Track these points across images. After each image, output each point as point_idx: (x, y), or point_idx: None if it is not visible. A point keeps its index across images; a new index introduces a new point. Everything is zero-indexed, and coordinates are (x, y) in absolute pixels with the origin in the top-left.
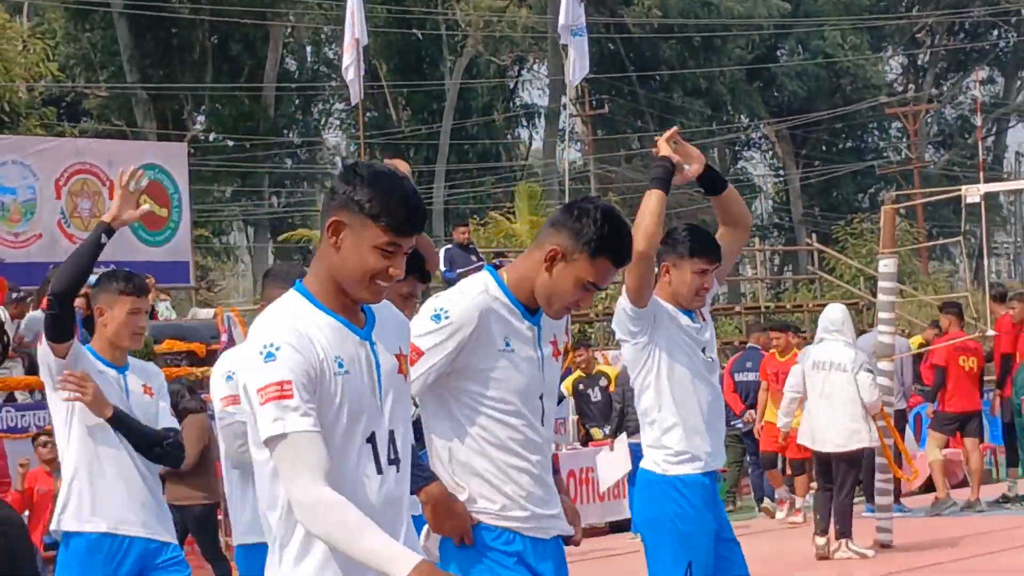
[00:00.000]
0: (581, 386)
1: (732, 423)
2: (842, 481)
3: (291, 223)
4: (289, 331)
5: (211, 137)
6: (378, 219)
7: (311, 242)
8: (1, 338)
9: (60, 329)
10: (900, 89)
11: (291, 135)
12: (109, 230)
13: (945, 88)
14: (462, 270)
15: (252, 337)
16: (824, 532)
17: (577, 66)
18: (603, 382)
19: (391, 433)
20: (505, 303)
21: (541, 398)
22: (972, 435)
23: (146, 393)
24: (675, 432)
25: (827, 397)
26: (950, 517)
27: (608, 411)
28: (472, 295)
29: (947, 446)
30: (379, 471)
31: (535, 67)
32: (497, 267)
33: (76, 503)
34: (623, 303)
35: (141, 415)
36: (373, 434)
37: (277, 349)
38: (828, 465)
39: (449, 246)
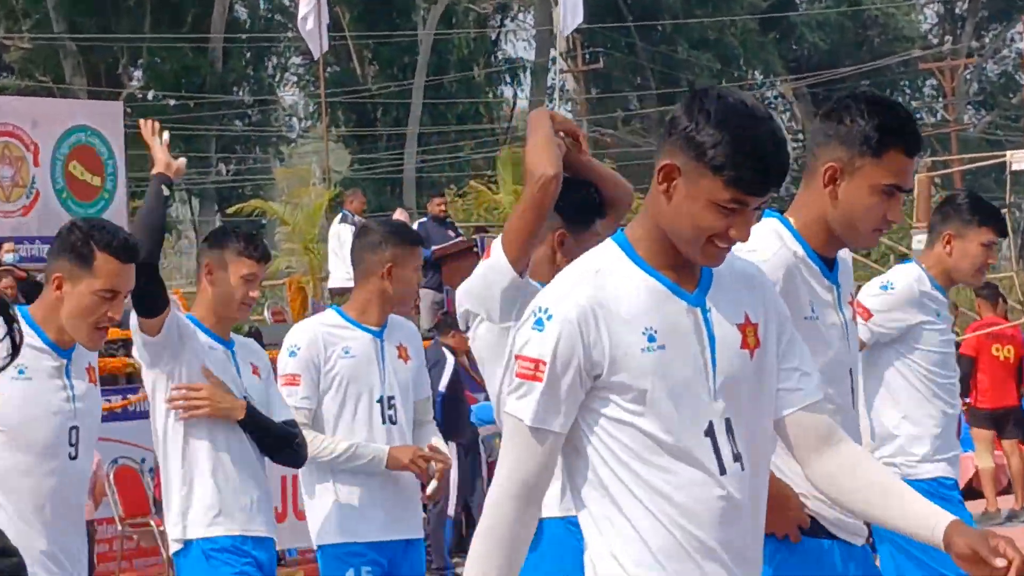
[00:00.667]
0: None
1: None
2: None
3: (241, 193)
4: (576, 298)
5: (150, 95)
6: (720, 171)
7: (264, 215)
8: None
9: (151, 301)
10: (936, 42)
11: (241, 93)
12: (168, 180)
13: (987, 40)
14: (439, 246)
15: (550, 285)
16: None
17: (569, 14)
18: None
19: (728, 422)
20: (803, 257)
21: (851, 372)
22: (1011, 436)
23: (255, 375)
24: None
25: None
26: (994, 527)
27: None
28: (773, 249)
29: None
30: (721, 471)
31: (520, 16)
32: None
33: (200, 507)
34: None
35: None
36: (710, 424)
37: (549, 319)
38: None
39: (423, 219)
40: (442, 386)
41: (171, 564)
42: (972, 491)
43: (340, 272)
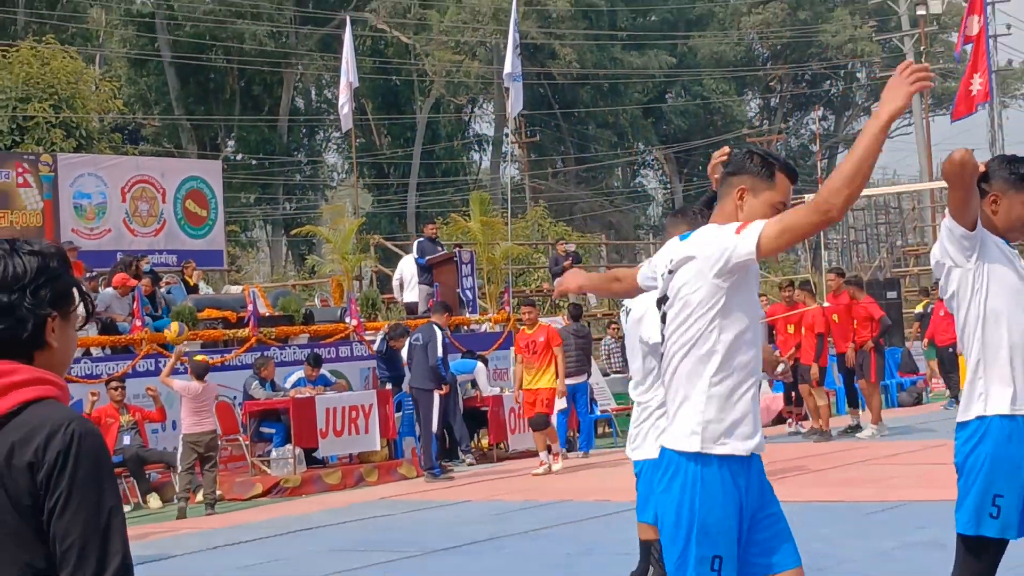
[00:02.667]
0: None
1: None
2: None
3: (299, 222)
4: None
5: (239, 157)
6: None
7: (314, 236)
8: (87, 306)
9: None
10: (757, 124)
11: (299, 155)
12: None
13: (791, 123)
14: (430, 256)
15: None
16: None
17: (514, 104)
18: None
19: None
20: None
21: None
22: (806, 382)
23: None
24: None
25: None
26: (790, 443)
27: None
28: None
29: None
30: None
31: (484, 106)
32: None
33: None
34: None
35: None
36: None
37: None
38: None
39: (421, 239)
40: (439, 352)
41: (254, 467)
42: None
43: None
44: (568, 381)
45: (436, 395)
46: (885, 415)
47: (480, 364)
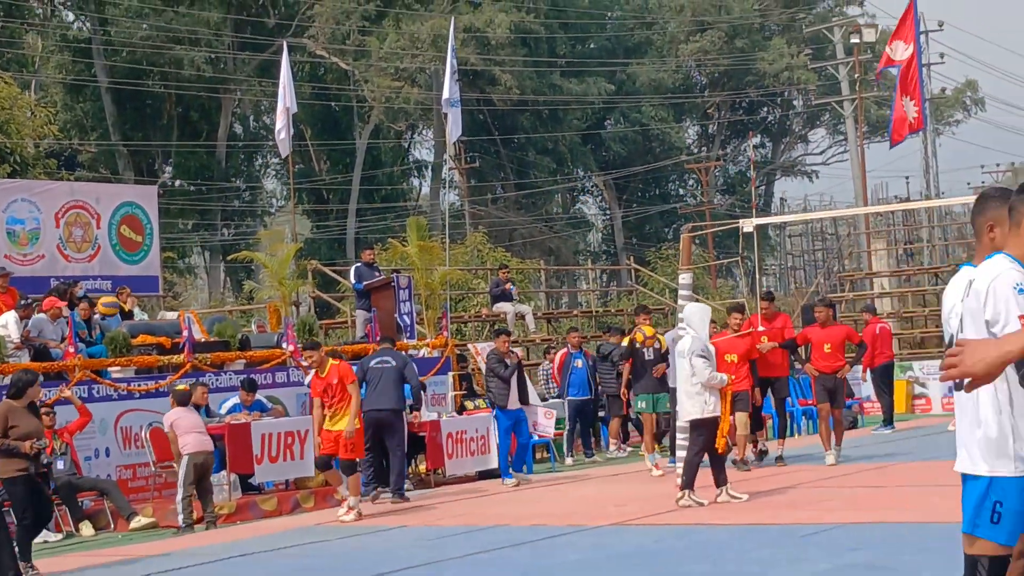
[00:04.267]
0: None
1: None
2: (691, 443)
3: (237, 248)
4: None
5: (177, 183)
6: None
7: (253, 262)
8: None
9: None
10: (696, 150)
11: (238, 181)
12: None
13: (728, 150)
14: (368, 282)
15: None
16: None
17: (453, 129)
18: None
19: None
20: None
21: None
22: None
23: None
24: None
25: (681, 377)
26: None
27: None
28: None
29: None
30: None
31: (424, 132)
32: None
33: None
34: None
35: None
36: None
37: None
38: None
39: (358, 264)
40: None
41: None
42: None
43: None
44: (512, 407)
45: (404, 417)
46: (812, 440)
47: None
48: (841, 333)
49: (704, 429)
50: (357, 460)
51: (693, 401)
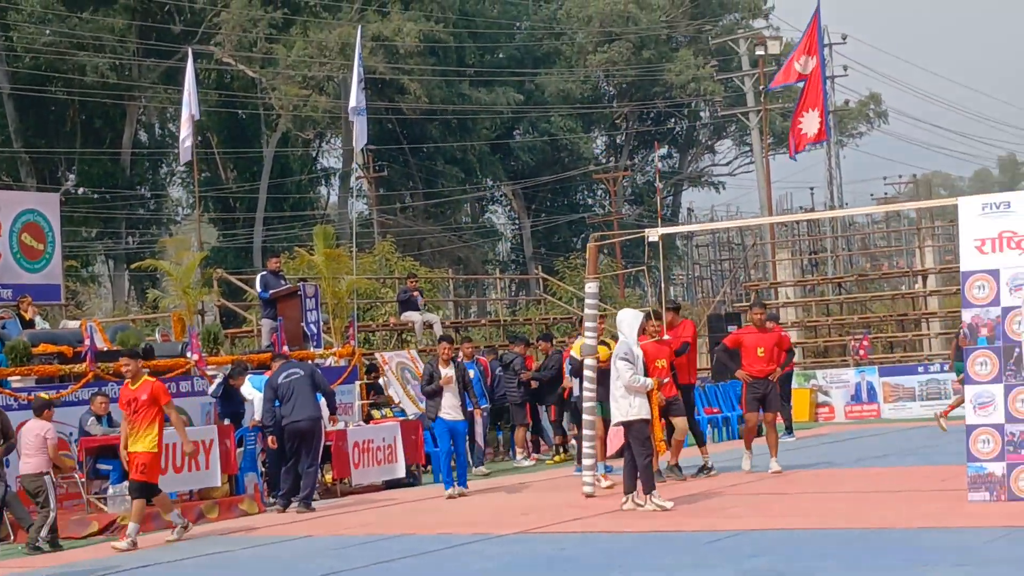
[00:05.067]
0: None
1: None
2: (634, 449)
3: (142, 257)
4: None
5: (80, 191)
6: None
7: (156, 270)
8: None
9: None
10: (604, 161)
11: (143, 189)
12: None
13: (636, 160)
14: (274, 291)
15: None
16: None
17: (360, 137)
18: None
19: None
20: None
21: None
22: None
23: None
24: None
25: (612, 381)
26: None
27: None
28: None
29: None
30: None
31: (332, 140)
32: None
33: None
34: None
35: None
36: None
37: None
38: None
39: (264, 272)
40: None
41: (90, 505)
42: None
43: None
44: (447, 417)
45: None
46: (725, 446)
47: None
48: (774, 337)
49: (636, 431)
50: (151, 484)
51: (618, 404)
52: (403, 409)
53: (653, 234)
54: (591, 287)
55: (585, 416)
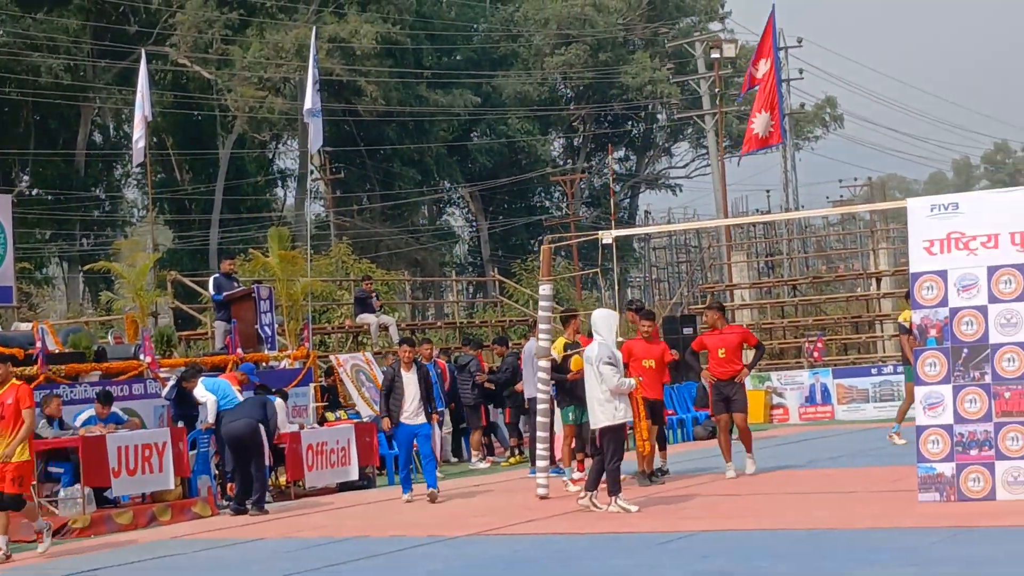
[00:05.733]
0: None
1: None
2: (607, 451)
3: (97, 259)
4: None
5: (34, 192)
6: None
7: (110, 272)
8: None
9: None
10: (561, 163)
11: (98, 191)
12: None
13: (594, 163)
14: (227, 293)
15: None
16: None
17: (315, 139)
18: None
19: None
20: None
21: None
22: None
23: None
24: None
25: (590, 385)
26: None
27: None
28: None
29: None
30: None
31: (289, 142)
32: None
33: None
34: None
35: None
36: None
37: None
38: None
39: (217, 275)
40: None
41: (41, 508)
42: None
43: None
44: (409, 421)
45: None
46: (681, 448)
47: (279, 400)
48: (737, 337)
49: (614, 435)
50: (21, 497)
51: (604, 408)
52: (358, 411)
53: (607, 236)
54: (545, 289)
55: (539, 418)
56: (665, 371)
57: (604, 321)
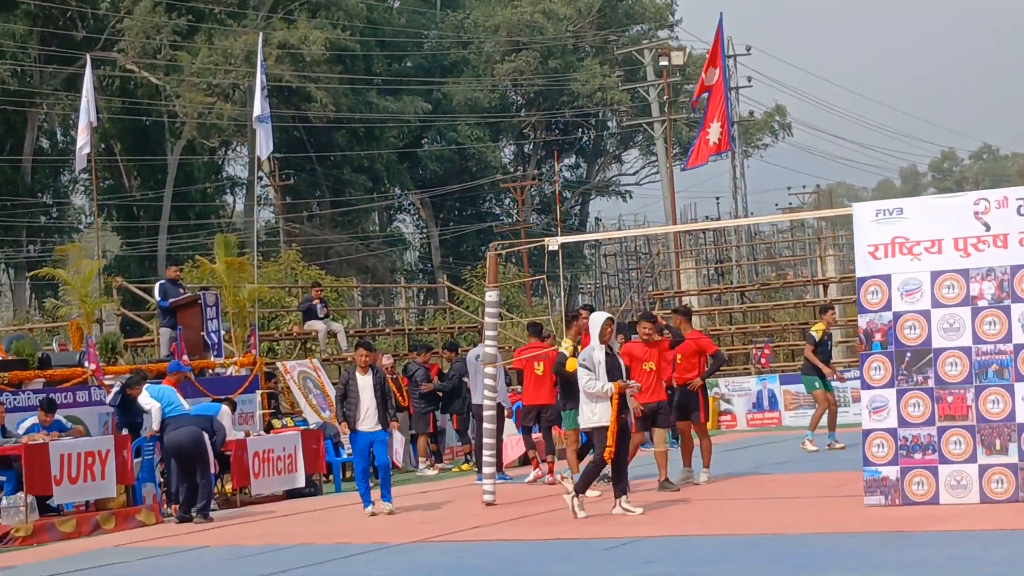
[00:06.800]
0: None
1: None
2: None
3: (43, 264)
4: None
5: None
6: None
7: (56, 279)
8: None
9: None
10: (512, 170)
11: (45, 197)
12: None
13: (544, 170)
14: (173, 299)
15: None
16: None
17: (264, 145)
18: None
19: None
20: None
21: None
22: (546, 424)
23: None
24: None
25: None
26: (538, 485)
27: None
28: None
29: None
30: None
31: (238, 148)
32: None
33: None
34: None
35: None
36: None
37: None
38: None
39: (162, 281)
40: None
41: None
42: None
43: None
44: (364, 428)
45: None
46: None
47: (225, 407)
48: (692, 345)
49: (595, 437)
50: None
51: (582, 411)
52: (305, 418)
53: (553, 243)
54: (491, 296)
55: (486, 424)
56: (686, 366)
57: (592, 325)
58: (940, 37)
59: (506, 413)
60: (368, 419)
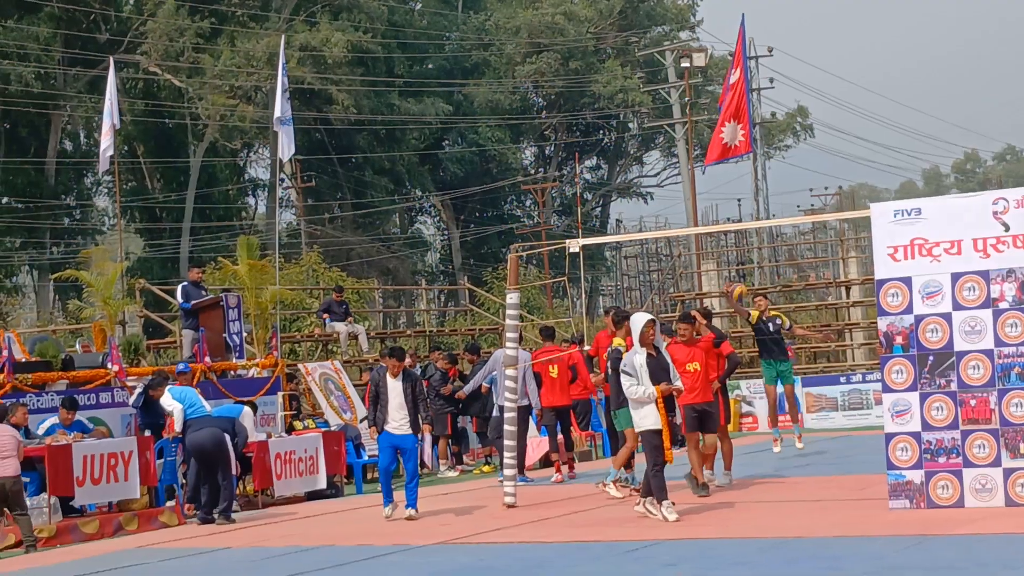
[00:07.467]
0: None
1: None
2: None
3: (67, 267)
4: None
5: (4, 200)
6: None
7: (79, 281)
8: None
9: None
10: (533, 172)
11: (68, 199)
12: None
13: (565, 171)
14: (196, 301)
15: None
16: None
17: (286, 147)
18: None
19: None
20: None
21: None
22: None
23: None
24: None
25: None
26: (560, 486)
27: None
28: None
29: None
30: None
31: (260, 150)
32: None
33: None
34: None
35: None
36: None
37: None
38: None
39: (185, 283)
40: None
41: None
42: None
43: None
44: (393, 431)
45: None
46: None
47: (247, 409)
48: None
49: (647, 441)
50: None
51: (634, 415)
52: (326, 420)
53: (574, 245)
54: (512, 298)
55: (506, 427)
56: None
57: (633, 327)
58: (964, 39)
59: (536, 413)
60: (395, 422)
